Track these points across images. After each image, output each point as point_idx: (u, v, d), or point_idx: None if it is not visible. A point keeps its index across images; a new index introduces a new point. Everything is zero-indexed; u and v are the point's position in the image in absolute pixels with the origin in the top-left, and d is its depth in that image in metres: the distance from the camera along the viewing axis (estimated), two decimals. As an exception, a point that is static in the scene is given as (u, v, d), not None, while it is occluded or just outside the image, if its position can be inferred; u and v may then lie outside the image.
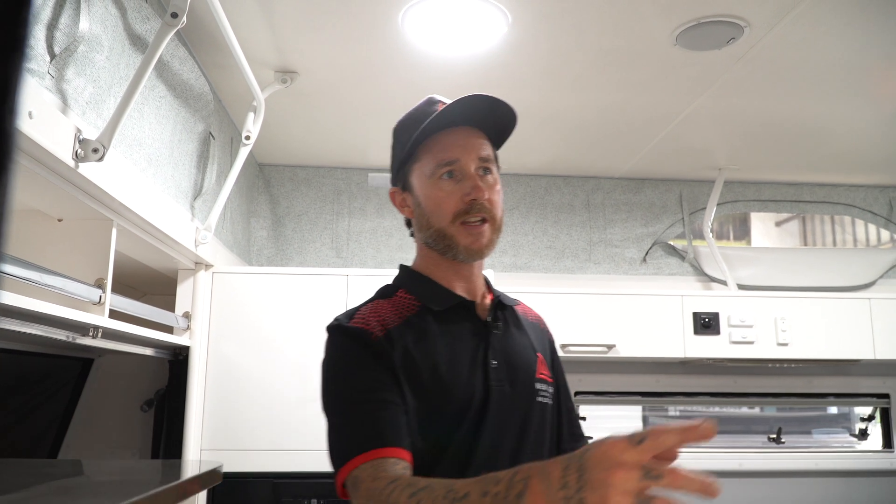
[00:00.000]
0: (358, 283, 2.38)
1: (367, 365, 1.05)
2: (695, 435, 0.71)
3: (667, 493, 0.70)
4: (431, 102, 1.21)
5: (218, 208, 2.14)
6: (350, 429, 1.02)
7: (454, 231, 1.13)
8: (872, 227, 3.65)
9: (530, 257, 3.07)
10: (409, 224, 1.25)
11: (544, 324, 1.33)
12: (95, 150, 1.29)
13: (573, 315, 2.69)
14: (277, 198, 3.04)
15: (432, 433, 1.04)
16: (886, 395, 3.15)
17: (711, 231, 3.09)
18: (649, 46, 1.95)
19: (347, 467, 0.99)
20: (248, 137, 2.15)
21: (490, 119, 1.19)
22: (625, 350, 2.68)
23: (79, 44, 1.30)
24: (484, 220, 1.14)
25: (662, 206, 3.19)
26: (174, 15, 1.38)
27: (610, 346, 2.67)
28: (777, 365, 2.92)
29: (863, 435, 3.23)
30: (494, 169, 1.19)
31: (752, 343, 2.76)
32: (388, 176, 1.30)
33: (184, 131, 1.94)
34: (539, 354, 1.22)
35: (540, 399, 1.16)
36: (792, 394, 3.11)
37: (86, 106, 1.35)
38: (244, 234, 2.86)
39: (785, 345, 2.76)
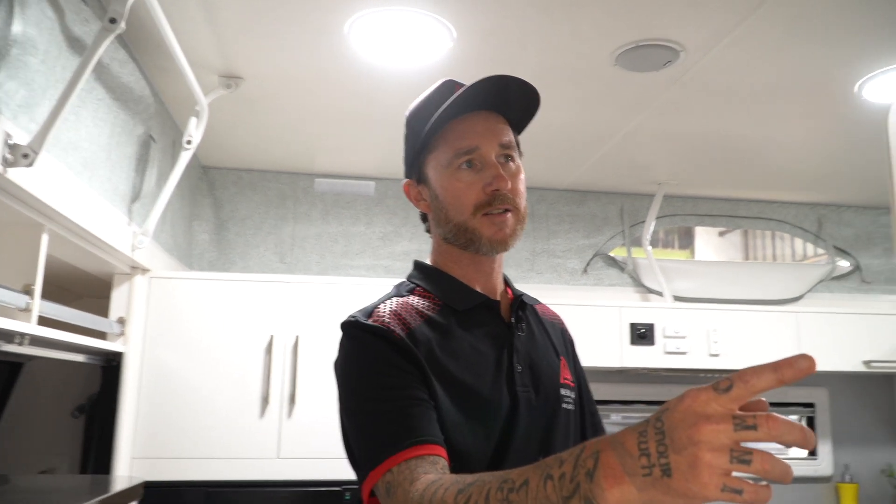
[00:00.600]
0: (301, 289, 2.37)
1: (392, 362, 0.98)
2: (791, 372, 0.59)
3: (765, 445, 0.60)
4: (447, 86, 1.13)
5: (157, 212, 2.11)
6: (378, 428, 0.94)
7: (476, 224, 1.05)
8: (802, 243, 3.79)
9: (474, 266, 3.10)
10: (424, 219, 1.18)
11: (563, 323, 1.29)
12: (25, 156, 1.27)
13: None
14: (221, 201, 3.01)
15: (457, 440, 0.96)
16: (811, 405, 3.28)
17: (650, 243, 3.17)
18: (590, 66, 2.00)
19: (379, 471, 0.90)
20: (189, 142, 2.12)
21: (510, 102, 1.11)
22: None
23: (11, 47, 1.27)
24: (507, 210, 1.06)
25: (604, 218, 3.26)
26: (112, 20, 1.36)
27: (549, 356, 2.71)
28: (709, 375, 3.01)
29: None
30: (517, 156, 1.12)
31: (685, 354, 2.84)
32: (335, 182, 1.27)
33: (122, 134, 1.91)
34: (562, 358, 1.16)
35: (565, 406, 1.10)
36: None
37: (17, 110, 1.32)
38: (185, 237, 2.82)
39: (716, 355, 2.85)
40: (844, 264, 3.42)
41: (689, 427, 0.60)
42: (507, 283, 1.17)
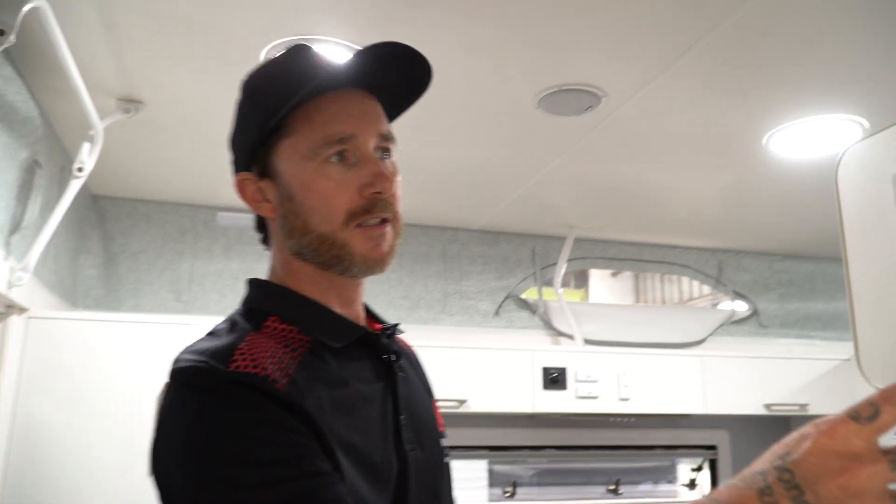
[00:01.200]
0: (200, 332, 2.20)
1: (282, 424, 0.70)
2: None
3: None
4: (303, 54, 0.88)
5: (40, 245, 1.91)
6: None
7: (347, 237, 0.82)
8: (704, 288, 3.90)
9: (385, 307, 2.99)
10: (261, 227, 0.92)
11: (414, 352, 1.04)
12: None
13: (427, 369, 2.63)
14: (112, 234, 2.79)
15: None
16: (714, 447, 3.34)
17: (561, 286, 3.17)
18: (513, 108, 1.97)
19: None
20: (80, 169, 1.94)
21: (391, 81, 0.88)
22: (476, 405, 2.66)
23: None
24: (384, 221, 0.84)
25: (516, 260, 3.24)
26: (1, 32, 1.21)
27: (462, 401, 2.64)
28: (618, 419, 3.01)
29: (692, 485, 3.40)
30: (394, 151, 0.88)
31: (596, 398, 2.82)
32: (239, 216, 1.04)
33: (3, 158, 1.72)
34: (433, 399, 0.98)
35: (446, 460, 0.92)
36: (630, 446, 3.22)
37: None
38: (70, 272, 2.59)
39: (626, 399, 2.85)
40: (743, 309, 3.53)
41: (836, 475, 0.49)
42: (367, 310, 0.95)
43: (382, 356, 0.88)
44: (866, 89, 1.87)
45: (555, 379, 2.78)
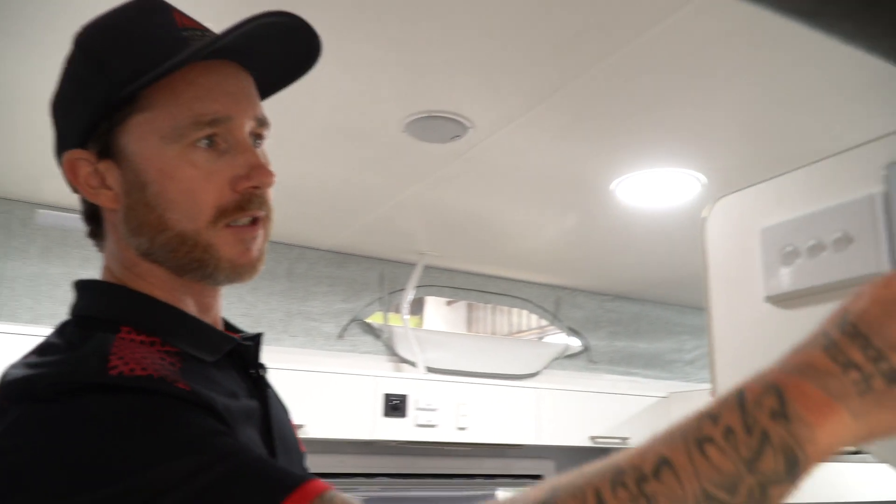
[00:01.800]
0: (6, 342, 1.95)
1: (194, 413, 0.61)
2: None
3: None
4: (164, 10, 0.73)
5: None
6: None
7: (213, 237, 0.71)
8: (542, 321, 4.04)
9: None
10: (91, 217, 0.77)
11: None
12: None
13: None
14: None
15: None
16: (540, 476, 3.44)
17: (407, 313, 3.16)
18: (379, 130, 1.94)
19: None
20: None
21: (268, 55, 0.76)
22: (315, 430, 2.57)
23: None
24: (256, 221, 0.75)
25: (364, 283, 3.19)
26: None
27: (299, 427, 2.53)
28: (454, 447, 3.03)
29: (518, 514, 3.48)
30: (265, 137, 0.78)
31: (435, 426, 2.82)
32: (64, 216, 0.86)
33: None
34: (291, 420, 0.90)
35: None
36: (462, 475, 3.25)
37: None
38: None
39: (464, 429, 2.87)
40: (576, 344, 3.69)
41: None
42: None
43: (250, 370, 0.80)
44: (705, 148, 2.02)
45: (395, 406, 2.75)
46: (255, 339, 0.83)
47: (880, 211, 0.74)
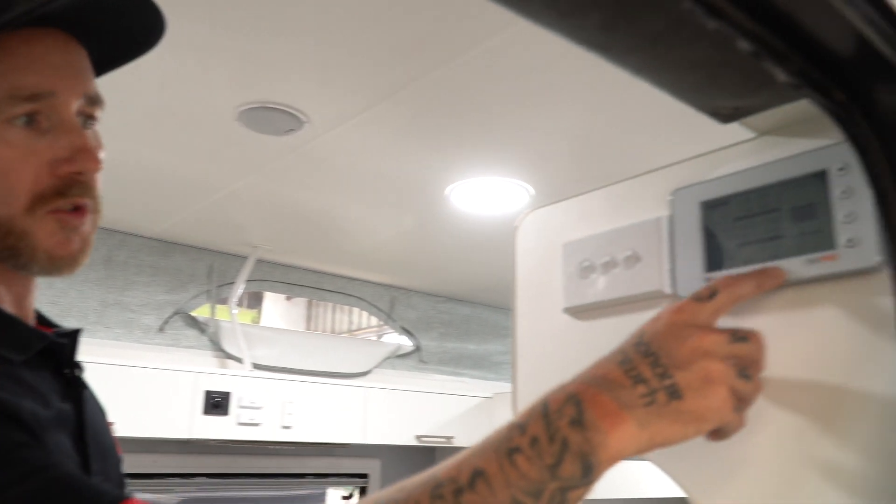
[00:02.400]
0: None
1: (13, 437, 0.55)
2: (770, 281, 0.61)
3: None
4: None
5: None
6: None
7: (31, 224, 0.65)
8: (376, 321, 4.05)
9: (26, 312, 2.60)
10: None
11: None
12: None
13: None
14: None
15: None
16: (366, 475, 3.45)
17: (236, 307, 3.05)
18: (210, 117, 1.86)
19: None
20: None
21: (104, 26, 0.70)
22: (128, 429, 2.39)
23: None
24: (80, 208, 0.69)
25: (191, 274, 3.04)
26: None
27: (110, 425, 2.37)
28: (277, 447, 2.97)
29: (343, 511, 3.48)
30: (98, 116, 0.73)
31: (258, 425, 2.75)
32: None
33: None
34: (108, 421, 0.83)
35: (127, 490, 0.77)
36: (286, 474, 3.19)
37: None
38: None
39: (289, 427, 2.82)
40: (408, 344, 3.74)
41: (687, 339, 0.53)
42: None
43: (64, 370, 0.74)
44: (534, 161, 2.12)
45: (217, 403, 2.65)
46: (72, 337, 0.77)
47: (665, 233, 0.80)
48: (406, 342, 3.73)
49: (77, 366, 0.76)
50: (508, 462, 0.49)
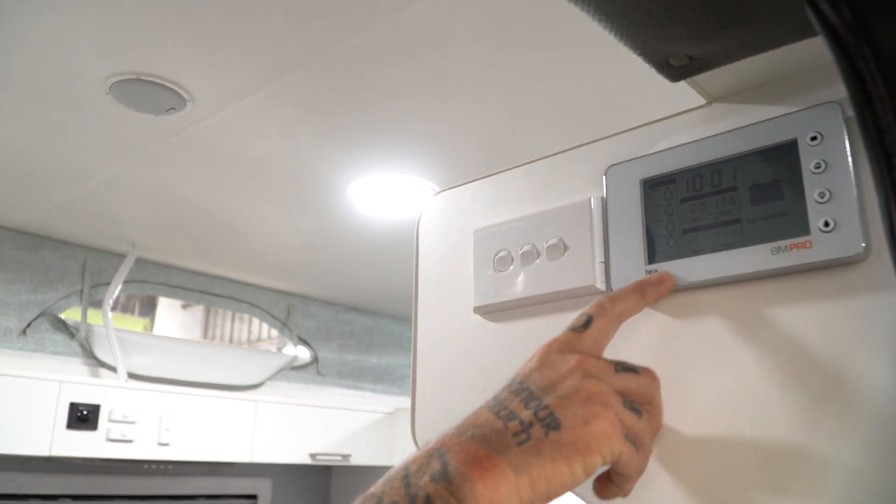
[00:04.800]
0: None
1: None
2: (656, 291, 0.55)
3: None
4: None
5: None
6: None
7: None
8: (264, 329, 3.81)
9: None
10: None
11: None
12: None
13: None
14: None
15: None
16: (255, 496, 3.20)
17: (122, 311, 2.76)
18: (78, 87, 1.62)
19: None
20: None
21: None
22: (-29, 445, 2.11)
23: None
24: None
25: (61, 272, 2.73)
26: None
27: (-53, 441, 2.07)
28: (154, 466, 2.69)
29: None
30: None
31: (131, 441, 2.47)
32: None
33: None
34: None
35: None
36: (166, 496, 2.91)
37: None
38: None
39: (167, 444, 2.56)
40: (305, 355, 3.51)
41: (563, 366, 0.48)
42: None
43: None
44: (440, 157, 1.97)
45: (83, 417, 2.37)
46: None
47: (597, 217, 0.67)
48: (303, 353, 3.51)
49: None
50: None
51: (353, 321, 3.72)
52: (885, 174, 0.42)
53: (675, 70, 0.58)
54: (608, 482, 0.50)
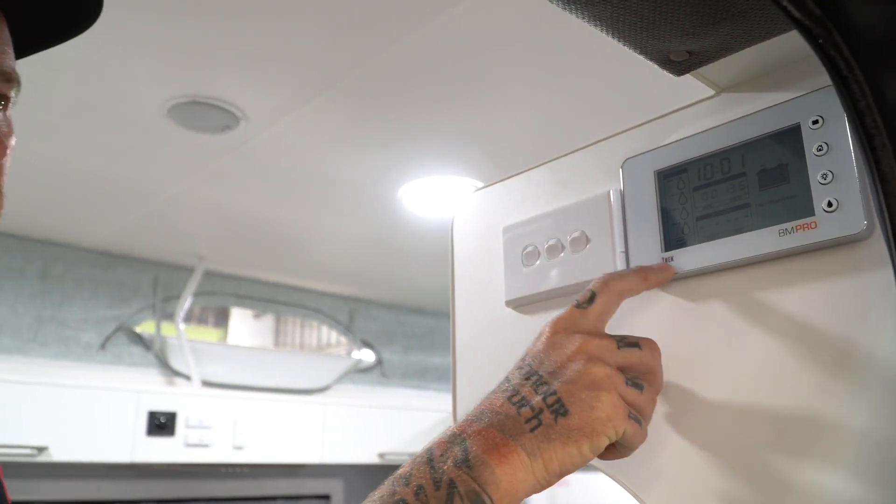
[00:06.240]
0: None
1: None
2: (658, 277, 0.57)
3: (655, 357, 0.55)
4: None
5: None
6: None
7: None
8: (333, 334, 3.91)
9: (-49, 330, 2.42)
10: None
11: None
12: None
13: (1, 408, 2.17)
14: None
15: None
16: (328, 496, 3.29)
17: (184, 321, 2.89)
18: (138, 112, 1.72)
19: None
20: None
21: (30, 3, 0.61)
22: (60, 453, 2.25)
23: None
24: None
25: (134, 288, 2.88)
26: None
27: (41, 449, 2.21)
28: (230, 469, 2.81)
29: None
30: (12, 102, 0.63)
31: (207, 446, 2.59)
32: None
33: None
34: None
35: None
36: (243, 498, 3.02)
37: None
38: None
39: (241, 448, 2.67)
40: (369, 358, 3.60)
41: (568, 348, 0.50)
42: None
43: None
44: (488, 157, 2.00)
45: (161, 424, 2.50)
46: None
47: (616, 209, 0.69)
48: (367, 356, 3.59)
49: None
50: None
51: (415, 322, 3.78)
52: (869, 154, 0.44)
53: (676, 65, 0.60)
54: (611, 449, 0.53)
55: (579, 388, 0.48)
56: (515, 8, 1.35)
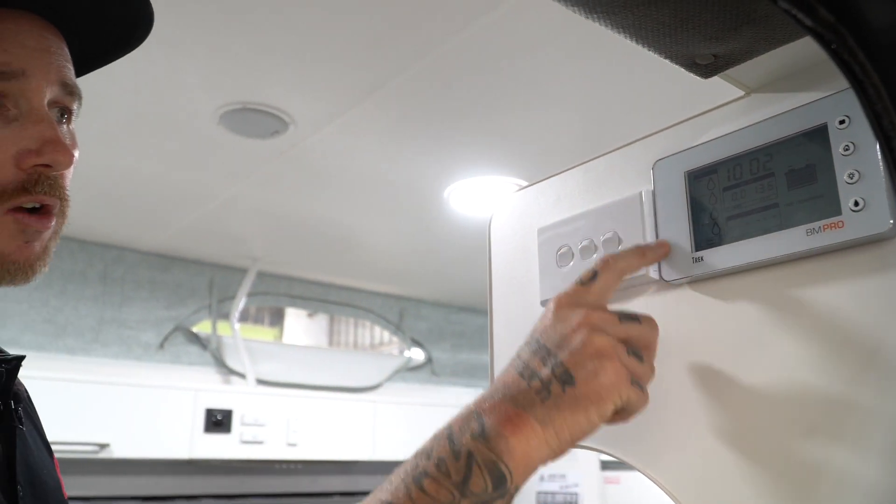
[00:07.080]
0: None
1: None
2: (655, 254, 0.60)
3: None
4: None
5: None
6: None
7: None
8: (385, 333, 3.96)
9: (20, 331, 2.54)
10: None
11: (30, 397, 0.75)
12: None
13: (64, 406, 2.27)
14: None
15: None
16: (379, 493, 3.34)
17: (238, 321, 2.98)
18: (191, 119, 1.79)
19: None
20: None
21: (88, 21, 0.64)
22: (121, 450, 2.35)
23: None
24: (44, 209, 0.59)
25: (191, 289, 2.98)
26: None
27: (103, 446, 2.31)
28: (284, 465, 2.88)
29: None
30: (75, 116, 0.65)
31: (262, 443, 2.67)
32: None
33: None
34: (55, 459, 0.72)
35: None
36: (298, 494, 3.09)
37: None
38: None
39: (294, 445, 2.73)
40: (419, 356, 3.64)
41: (572, 321, 0.52)
42: None
43: None
44: (531, 158, 2.01)
45: (218, 422, 2.58)
46: (13, 364, 0.66)
47: (647, 209, 0.70)
48: (417, 354, 3.63)
49: (16, 397, 0.66)
50: (417, 489, 0.49)
51: (464, 321, 3.81)
52: (888, 154, 0.44)
53: (703, 68, 0.61)
54: (616, 414, 0.55)
55: (584, 358, 0.51)
56: (550, 12, 1.36)
